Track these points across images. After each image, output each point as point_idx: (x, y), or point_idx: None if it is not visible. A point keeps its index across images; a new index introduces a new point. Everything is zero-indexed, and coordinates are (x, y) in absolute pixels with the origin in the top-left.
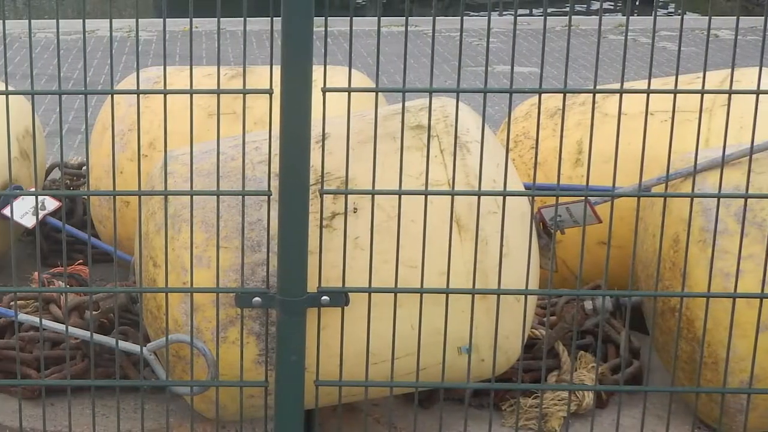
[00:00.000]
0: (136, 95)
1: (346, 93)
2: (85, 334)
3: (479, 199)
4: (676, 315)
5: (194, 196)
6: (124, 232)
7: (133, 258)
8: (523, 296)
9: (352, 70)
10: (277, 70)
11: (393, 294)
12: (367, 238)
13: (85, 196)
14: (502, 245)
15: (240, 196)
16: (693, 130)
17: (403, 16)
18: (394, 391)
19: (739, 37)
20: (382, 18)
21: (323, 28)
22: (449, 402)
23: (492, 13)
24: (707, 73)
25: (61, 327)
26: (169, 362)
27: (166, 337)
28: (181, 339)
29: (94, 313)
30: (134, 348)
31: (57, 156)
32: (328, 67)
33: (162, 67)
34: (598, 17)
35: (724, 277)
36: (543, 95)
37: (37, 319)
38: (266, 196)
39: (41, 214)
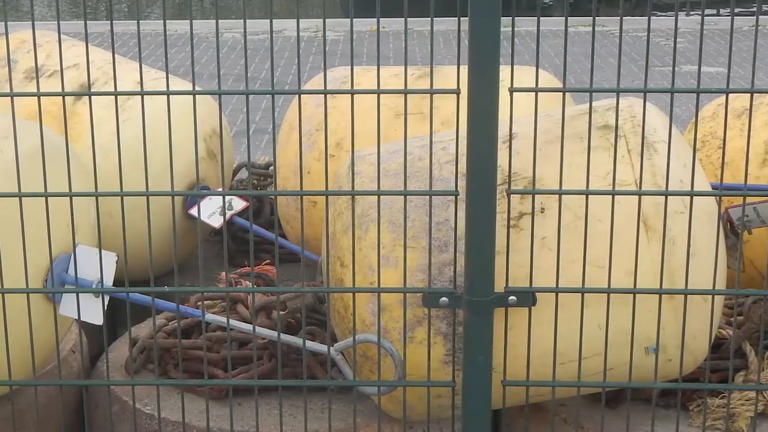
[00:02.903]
0: (323, 95)
1: (534, 93)
2: (272, 334)
3: (666, 199)
4: None
5: (381, 196)
6: (311, 232)
7: (320, 258)
8: (711, 296)
9: (539, 70)
10: (464, 70)
11: (580, 294)
12: (554, 238)
13: (273, 196)
14: (689, 245)
15: (427, 196)
16: None
17: (591, 15)
18: (581, 391)
19: None
20: (569, 18)
21: (510, 28)
22: (636, 402)
23: (679, 13)
24: None
25: (248, 327)
26: (357, 362)
27: (353, 337)
28: (369, 339)
29: (281, 313)
30: (321, 348)
31: (244, 156)
32: (515, 67)
33: (349, 67)
34: None
35: None
36: (730, 95)
37: (224, 319)
38: (453, 196)
39: (228, 214)
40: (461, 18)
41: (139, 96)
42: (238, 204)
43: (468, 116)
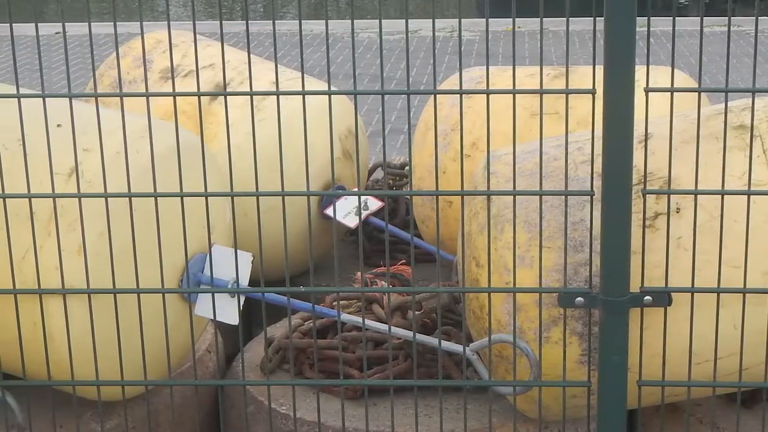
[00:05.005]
0: (458, 95)
1: (669, 93)
2: (407, 334)
3: None
4: None
5: (517, 196)
6: (447, 232)
7: (455, 258)
8: None
9: (675, 70)
10: (599, 70)
11: (715, 294)
12: (690, 238)
13: (408, 196)
14: None
15: (563, 196)
16: None
17: (726, 16)
18: (716, 391)
19: None
20: (704, 18)
21: (645, 28)
22: None
23: None
24: None
25: (383, 327)
26: (492, 362)
27: (488, 337)
28: (504, 339)
29: (416, 313)
30: (457, 348)
31: (379, 156)
32: (650, 67)
33: (485, 67)
34: None
35: None
36: None
37: (359, 319)
38: (589, 196)
39: (364, 214)
40: (597, 18)
41: (275, 96)
42: (374, 204)
43: (603, 116)
